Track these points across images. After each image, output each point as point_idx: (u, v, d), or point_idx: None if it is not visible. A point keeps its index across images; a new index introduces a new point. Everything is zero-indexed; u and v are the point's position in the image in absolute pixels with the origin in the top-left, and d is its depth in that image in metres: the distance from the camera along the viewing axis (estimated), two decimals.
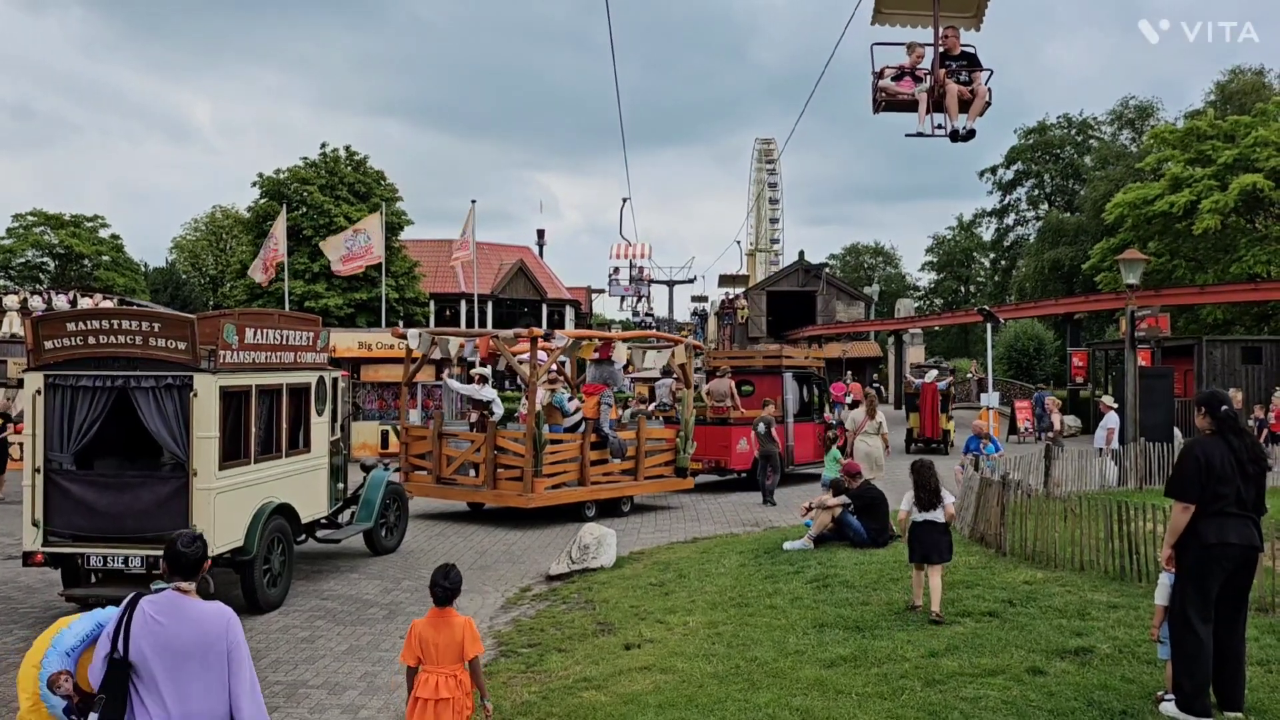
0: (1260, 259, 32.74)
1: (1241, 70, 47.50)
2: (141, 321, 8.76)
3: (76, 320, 8.86)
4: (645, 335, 18.43)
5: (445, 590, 5.00)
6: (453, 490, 14.91)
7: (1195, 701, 5.39)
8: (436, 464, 14.82)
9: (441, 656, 4.87)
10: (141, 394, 8.61)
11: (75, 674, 3.97)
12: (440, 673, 4.84)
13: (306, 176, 38.84)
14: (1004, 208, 68.48)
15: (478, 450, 14.42)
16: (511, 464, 14.13)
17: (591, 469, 14.91)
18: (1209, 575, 5.46)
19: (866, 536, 10.81)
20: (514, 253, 52.97)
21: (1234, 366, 27.32)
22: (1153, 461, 15.65)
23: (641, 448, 15.62)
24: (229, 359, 8.94)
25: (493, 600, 10.00)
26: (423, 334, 15.56)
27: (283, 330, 10.04)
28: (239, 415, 9.20)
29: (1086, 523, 9.23)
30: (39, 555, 8.73)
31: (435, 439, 14.89)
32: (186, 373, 8.60)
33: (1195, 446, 5.61)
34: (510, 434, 14.33)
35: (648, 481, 15.88)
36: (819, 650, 7.05)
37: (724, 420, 18.25)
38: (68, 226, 52.55)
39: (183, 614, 3.77)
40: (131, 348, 8.64)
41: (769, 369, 19.98)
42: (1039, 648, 6.74)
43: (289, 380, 10.07)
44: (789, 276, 61.65)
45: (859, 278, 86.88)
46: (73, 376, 8.67)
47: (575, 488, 14.74)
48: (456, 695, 4.81)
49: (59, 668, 3.98)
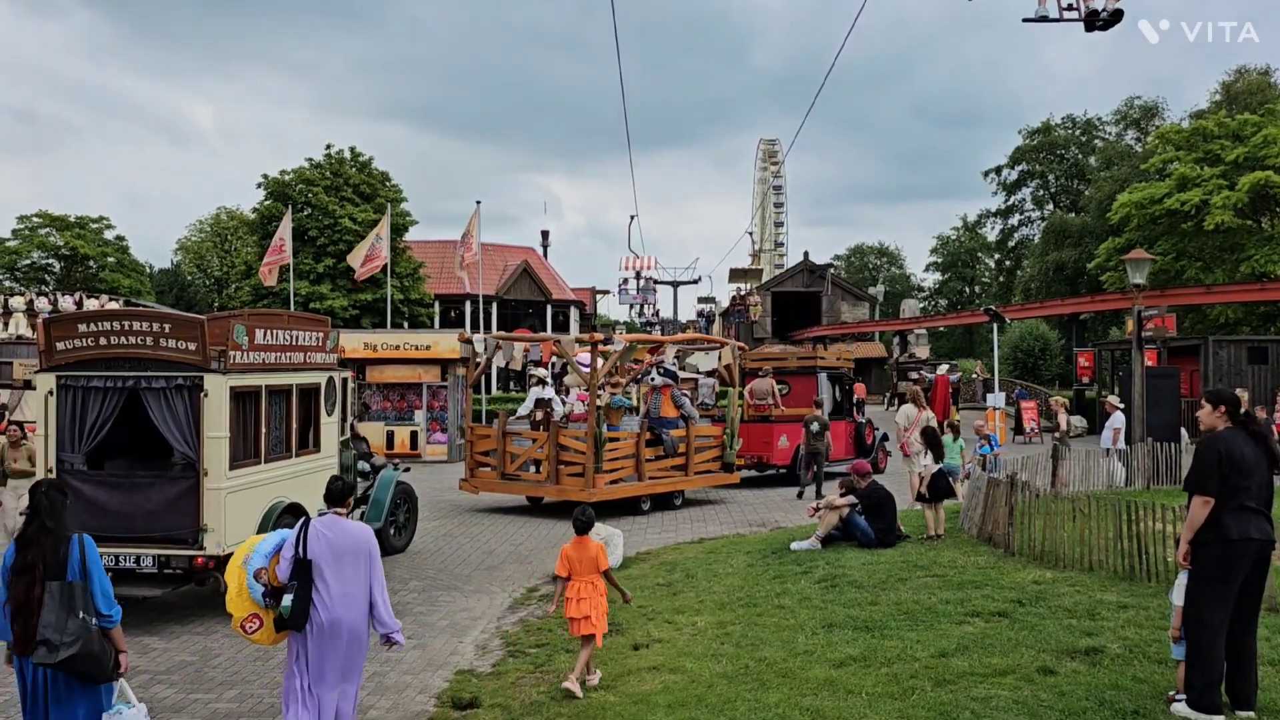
0: (1273, 258, 32.64)
1: (1247, 70, 47.44)
2: (152, 322, 8.82)
3: (87, 321, 8.91)
4: (694, 339, 19.34)
5: (583, 523, 7.04)
6: (516, 485, 15.64)
7: (1205, 697, 5.37)
8: (501, 461, 15.61)
9: (583, 569, 6.91)
10: (152, 394, 8.66)
11: (269, 568, 5.56)
12: (582, 580, 6.90)
13: (311, 178, 38.88)
14: (1009, 208, 68.43)
15: (541, 448, 15.23)
16: (573, 460, 14.92)
17: (647, 465, 15.64)
18: (1232, 571, 5.42)
19: (874, 537, 10.78)
20: (519, 254, 53.02)
21: (1240, 366, 27.24)
22: (1160, 461, 15.61)
23: (691, 445, 16.37)
24: (239, 359, 8.99)
25: (500, 601, 9.99)
26: (487, 339, 16.60)
27: (292, 331, 10.08)
28: (249, 415, 9.22)
29: (1095, 522, 9.20)
30: None
31: (500, 437, 15.69)
32: (196, 373, 8.65)
33: (1218, 440, 5.57)
34: (572, 432, 15.19)
35: (697, 476, 16.64)
36: (828, 650, 7.03)
37: (765, 418, 19.06)
38: (73, 228, 52.58)
39: (341, 529, 5.58)
40: (142, 348, 8.71)
41: (803, 369, 20.59)
42: (1049, 648, 6.72)
43: (299, 381, 10.10)
44: (794, 277, 61.68)
45: (863, 278, 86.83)
46: (84, 377, 8.73)
47: (632, 482, 15.46)
48: (593, 596, 6.88)
49: (261, 565, 5.56)
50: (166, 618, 9.13)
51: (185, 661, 7.85)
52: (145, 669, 7.58)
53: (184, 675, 7.53)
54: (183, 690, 7.21)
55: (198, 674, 7.52)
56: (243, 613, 5.59)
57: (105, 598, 5.02)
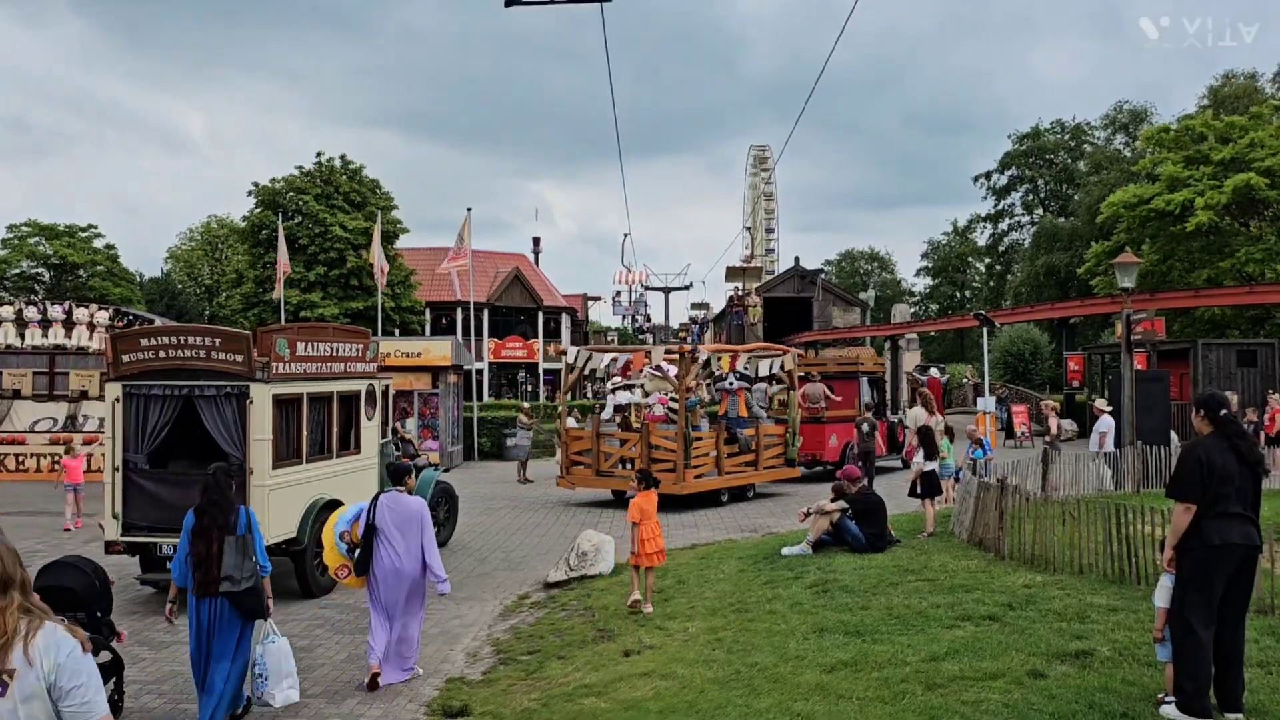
0: (1254, 258, 32.84)
1: (1234, 74, 47.78)
2: (204, 337, 9.81)
3: (149, 336, 10.00)
4: (760, 348, 20.95)
5: (650, 479, 9.51)
6: (610, 481, 17.40)
7: (1196, 702, 5.39)
8: (595, 460, 17.47)
9: (650, 515, 9.19)
10: (204, 401, 9.64)
11: (350, 531, 7.50)
12: (649, 523, 9.12)
13: (302, 186, 38.76)
14: (998, 213, 68.70)
15: (633, 447, 16.98)
16: (664, 457, 16.59)
17: (726, 461, 17.43)
18: (1213, 576, 5.45)
19: (865, 542, 10.79)
20: (510, 260, 53.03)
21: (1229, 369, 27.38)
22: (1150, 465, 15.66)
23: (760, 442, 18.11)
24: (281, 370, 9.92)
25: (491, 608, 9.98)
26: (580, 350, 18.89)
27: (333, 343, 11.03)
28: (291, 420, 10.19)
29: (1085, 526, 9.23)
30: (118, 544, 9.84)
31: (594, 439, 17.61)
32: (243, 382, 9.60)
33: (1197, 447, 5.60)
34: (663, 432, 16.82)
35: (766, 471, 18.42)
36: (819, 655, 7.03)
37: (818, 419, 20.78)
38: (62, 237, 52.34)
39: (400, 502, 7.43)
40: (196, 360, 9.71)
41: (843, 373, 22.22)
42: (1039, 651, 6.73)
43: (339, 388, 11.09)
44: (785, 282, 61.69)
45: (854, 283, 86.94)
46: (145, 386, 9.75)
47: (713, 477, 17.21)
48: (658, 535, 9.19)
49: (344, 529, 7.57)
50: (156, 628, 9.09)
51: (175, 671, 7.82)
52: (135, 679, 7.55)
53: (173, 685, 7.50)
54: (172, 700, 7.19)
55: (187, 683, 7.47)
56: (335, 563, 7.71)
57: (262, 553, 6.67)
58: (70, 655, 2.81)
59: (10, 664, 2.73)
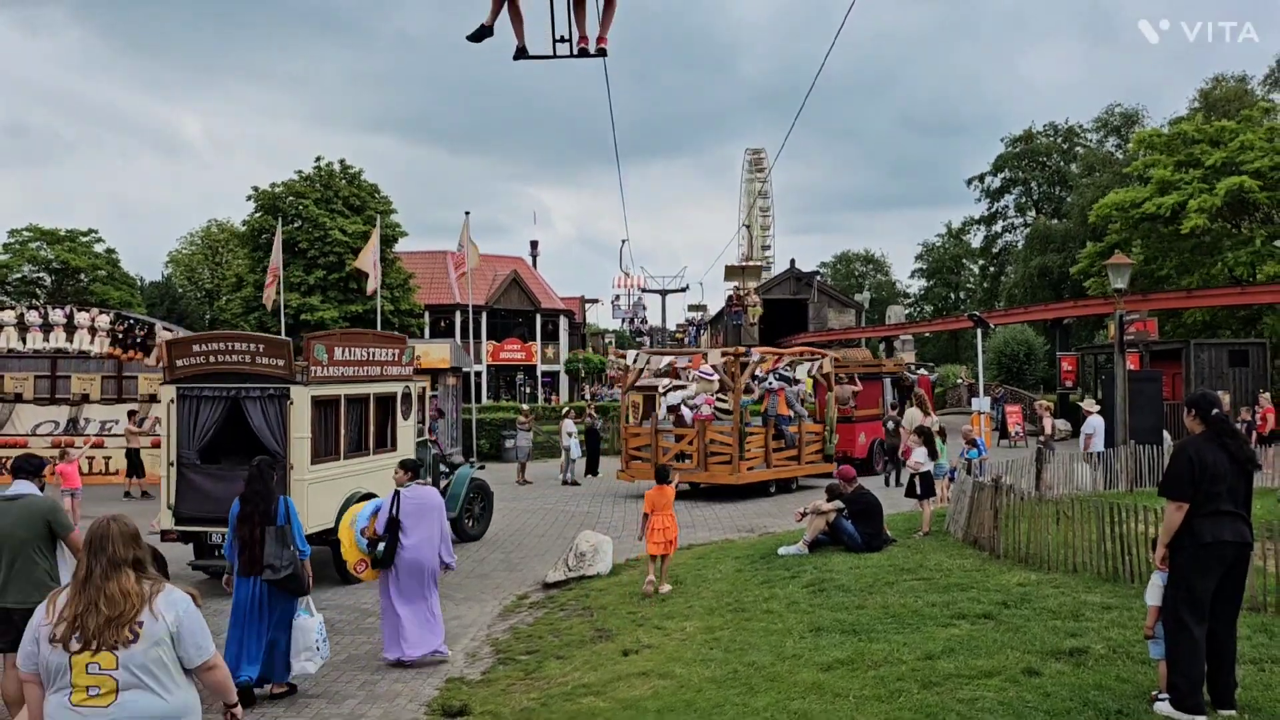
0: (1242, 260, 32.99)
1: (1224, 78, 47.95)
2: (249, 343, 10.56)
3: (200, 343, 10.79)
4: (802, 352, 22.02)
5: (664, 473, 10.31)
6: None
7: (1189, 699, 5.44)
8: (654, 454, 18.52)
9: (662, 507, 9.94)
10: (249, 402, 10.38)
11: (369, 526, 7.99)
12: (660, 515, 9.87)
13: (301, 190, 38.75)
14: (992, 215, 68.79)
15: (690, 442, 18.43)
16: (719, 451, 18.12)
17: (774, 455, 18.82)
18: (1205, 574, 5.50)
19: (861, 541, 10.87)
20: (508, 263, 53.04)
21: (1221, 369, 27.51)
22: (1143, 464, 15.75)
23: (802, 438, 19.57)
24: (319, 374, 10.63)
25: (490, 608, 10.05)
26: (639, 354, 21.00)
27: (370, 348, 11.69)
28: (329, 420, 10.89)
29: (1079, 525, 9.30)
30: (172, 533, 10.60)
31: (653, 435, 18.99)
32: (284, 385, 10.32)
33: (1188, 446, 5.66)
34: (719, 428, 18.28)
35: (807, 464, 19.81)
36: (816, 654, 7.09)
37: (848, 418, 22.03)
38: (63, 241, 52.22)
39: (419, 494, 8.08)
40: (242, 365, 10.44)
41: (869, 375, 23.43)
42: (1034, 649, 6.79)
43: (376, 390, 11.74)
44: (781, 284, 61.79)
45: (850, 285, 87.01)
46: (197, 388, 10.52)
47: (762, 469, 18.61)
48: (669, 526, 9.87)
49: (364, 525, 8.05)
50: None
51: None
52: None
53: None
54: None
55: None
56: (354, 559, 8.18)
57: (301, 539, 7.28)
58: (186, 610, 3.62)
59: (140, 619, 3.49)
